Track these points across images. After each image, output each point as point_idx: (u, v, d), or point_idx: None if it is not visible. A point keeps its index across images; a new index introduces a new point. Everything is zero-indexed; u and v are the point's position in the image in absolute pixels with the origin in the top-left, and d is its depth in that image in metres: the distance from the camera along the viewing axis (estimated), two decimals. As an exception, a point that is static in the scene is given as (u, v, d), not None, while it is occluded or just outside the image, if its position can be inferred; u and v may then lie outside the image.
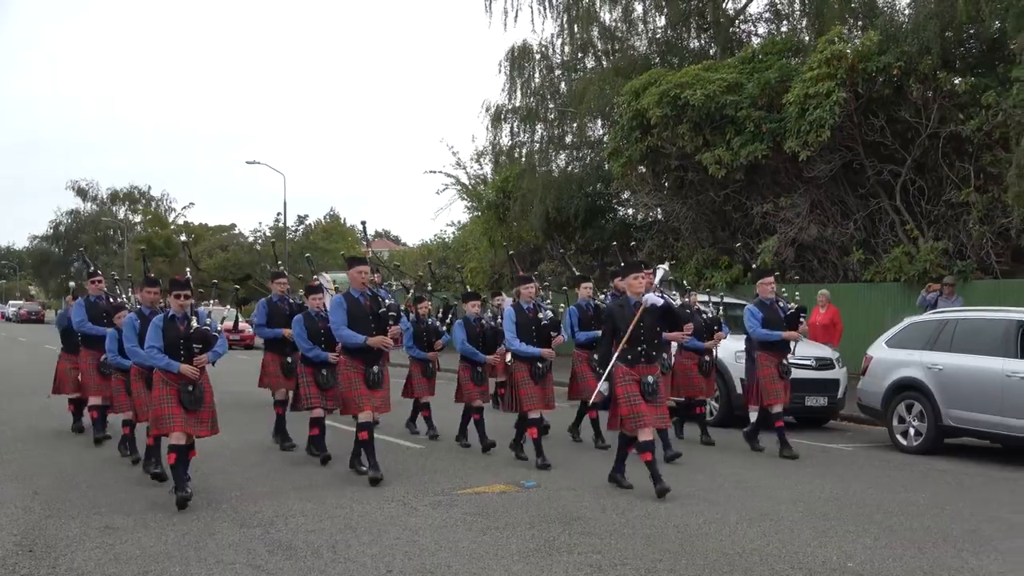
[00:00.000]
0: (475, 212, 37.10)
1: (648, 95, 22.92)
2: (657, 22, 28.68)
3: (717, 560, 6.95)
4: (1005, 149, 18.45)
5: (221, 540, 7.42)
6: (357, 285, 9.84)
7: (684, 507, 8.62)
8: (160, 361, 8.80)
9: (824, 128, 19.58)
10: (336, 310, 9.75)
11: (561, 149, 30.49)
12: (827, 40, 20.34)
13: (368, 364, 9.72)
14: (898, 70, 19.75)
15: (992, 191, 18.99)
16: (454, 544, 7.34)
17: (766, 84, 21.58)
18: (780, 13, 27.40)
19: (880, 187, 21.34)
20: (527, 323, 10.95)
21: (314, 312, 11.31)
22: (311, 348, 11.03)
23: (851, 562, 6.91)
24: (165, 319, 8.96)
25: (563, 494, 9.22)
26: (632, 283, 9.26)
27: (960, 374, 11.47)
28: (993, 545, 7.42)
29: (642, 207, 28.84)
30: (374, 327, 9.68)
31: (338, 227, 69.07)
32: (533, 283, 11.47)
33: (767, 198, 22.73)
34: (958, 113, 19.76)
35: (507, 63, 29.89)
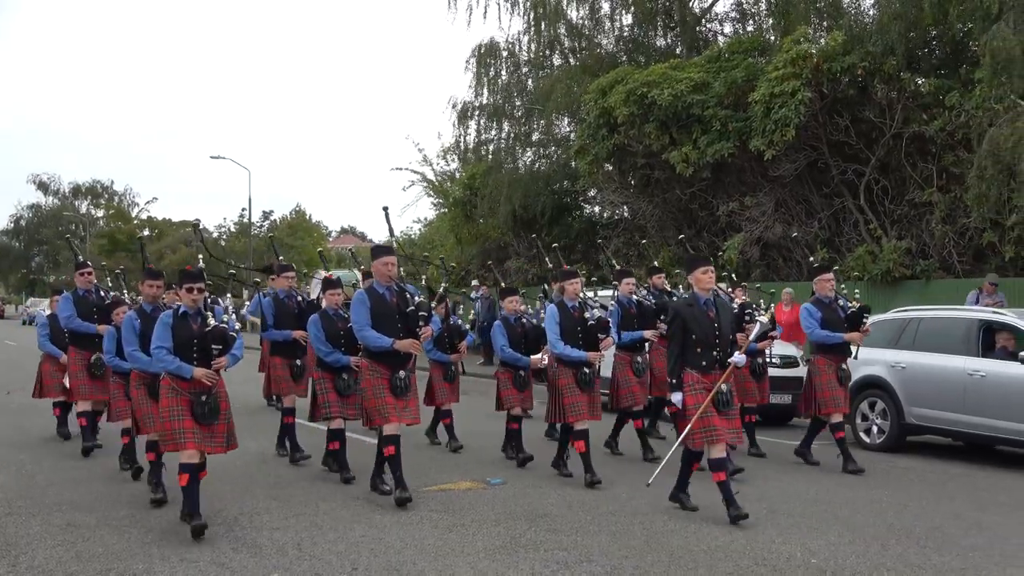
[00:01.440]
0: (442, 209, 37.04)
1: (615, 93, 22.97)
2: (624, 20, 28.75)
3: (682, 557, 6.98)
4: (967, 150, 18.63)
5: (185, 538, 7.36)
6: (383, 279, 8.66)
7: (650, 504, 8.64)
8: (170, 364, 7.62)
9: (789, 127, 19.69)
10: (358, 308, 8.58)
11: (528, 146, 30.49)
12: (792, 40, 20.45)
13: (394, 369, 8.57)
14: (863, 70, 19.90)
15: (954, 191, 19.17)
16: (420, 542, 7.33)
17: (732, 83, 21.67)
18: (746, 13, 27.52)
19: (844, 186, 21.50)
20: (572, 324, 9.75)
21: (331, 311, 9.96)
22: (330, 352, 9.71)
23: (815, 558, 6.95)
24: (175, 316, 7.77)
25: (529, 491, 9.22)
26: (700, 277, 8.25)
27: (923, 372, 11.59)
28: (955, 542, 7.49)
29: (608, 205, 28.90)
30: (401, 327, 8.56)
31: (304, 223, 68.61)
32: (578, 278, 10.09)
33: (733, 197, 22.83)
34: (921, 114, 19.92)
35: (474, 60, 29.85)
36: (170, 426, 7.60)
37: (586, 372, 9.70)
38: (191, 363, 7.65)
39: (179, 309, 7.82)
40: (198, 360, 7.67)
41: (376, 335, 8.47)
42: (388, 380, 8.56)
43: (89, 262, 11.85)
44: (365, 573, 6.52)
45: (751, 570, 6.67)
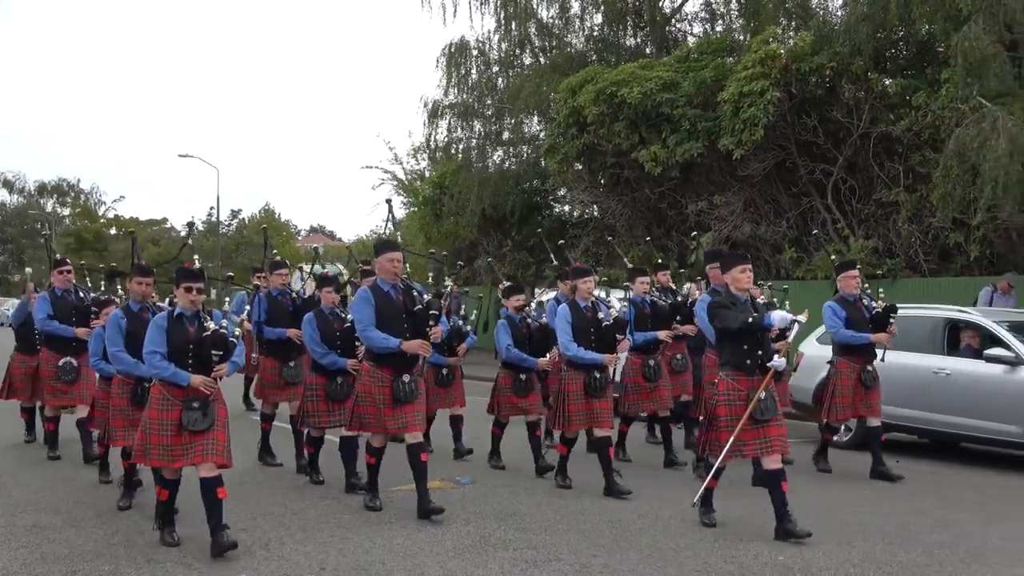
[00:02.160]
0: (411, 208, 37.00)
1: (585, 92, 22.99)
2: (594, 20, 28.78)
3: (651, 555, 7.00)
4: (934, 150, 18.77)
5: (151, 538, 7.30)
6: (388, 276, 8.11)
7: (619, 503, 8.67)
8: (164, 371, 6.96)
9: (758, 127, 19.77)
10: (361, 307, 8.01)
11: (498, 145, 30.49)
12: (761, 40, 20.55)
13: (398, 373, 7.98)
14: (831, 71, 20.00)
15: (920, 191, 19.31)
16: (389, 541, 7.31)
17: (701, 83, 21.74)
18: (715, 13, 27.62)
19: (812, 186, 21.62)
20: (585, 325, 9.12)
21: (328, 309, 9.45)
22: (326, 353, 9.21)
23: (782, 556, 6.99)
24: (170, 318, 7.11)
25: (498, 491, 9.22)
26: (739, 277, 7.72)
27: (889, 370, 11.63)
28: (920, 539, 7.55)
29: (578, 204, 28.96)
30: (408, 328, 8.01)
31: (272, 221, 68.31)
32: (592, 276, 9.49)
33: (702, 196, 22.91)
34: (888, 114, 20.05)
35: (444, 59, 29.78)
36: (156, 439, 6.97)
37: (597, 377, 9.08)
38: (187, 370, 7.00)
39: (174, 311, 7.15)
40: (194, 367, 7.02)
41: (382, 336, 7.88)
42: (390, 386, 7.95)
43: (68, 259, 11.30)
44: (333, 573, 6.49)
45: (719, 568, 6.70)
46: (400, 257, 8.18)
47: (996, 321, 11.27)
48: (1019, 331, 11.19)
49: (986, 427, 10.83)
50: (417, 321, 8.00)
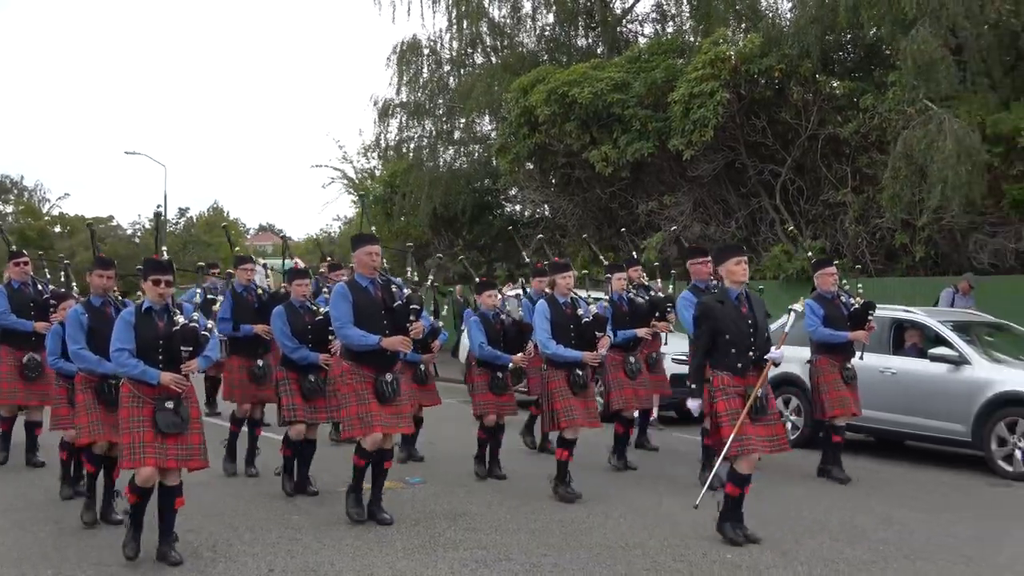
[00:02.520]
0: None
1: (536, 92, 23.02)
2: (545, 20, 28.83)
3: (600, 554, 7.02)
4: (881, 151, 19.01)
5: (96, 541, 7.21)
6: (366, 271, 7.80)
7: (565, 504, 8.67)
8: (133, 369, 6.63)
9: (708, 128, 19.90)
10: (339, 303, 7.68)
11: (449, 145, 30.43)
12: (711, 41, 20.68)
13: (380, 371, 7.68)
14: (779, 72, 20.19)
15: (867, 192, 19.54)
16: (338, 542, 7.27)
17: (652, 83, 21.84)
18: (666, 14, 27.78)
19: (761, 187, 21.81)
20: (564, 321, 8.94)
21: (298, 303, 9.16)
22: (296, 348, 8.90)
23: (730, 554, 7.04)
24: (138, 313, 6.79)
25: (449, 490, 9.19)
26: (733, 269, 7.38)
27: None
28: (866, 535, 7.63)
29: (529, 204, 28.99)
30: (388, 324, 7.70)
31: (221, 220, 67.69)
32: (571, 271, 9.32)
33: (652, 196, 23.03)
34: (836, 115, 20.27)
35: (395, 57, 29.66)
36: (129, 438, 6.59)
37: (579, 374, 8.84)
38: (157, 367, 6.66)
39: (142, 305, 6.82)
40: (164, 363, 6.69)
41: (360, 333, 7.56)
42: (372, 384, 7.64)
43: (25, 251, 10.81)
44: (282, 574, 6.45)
45: (668, 566, 6.73)
46: (379, 250, 7.87)
47: (940, 321, 11.42)
48: (963, 331, 11.36)
49: (931, 425, 10.98)
50: (397, 317, 7.70)
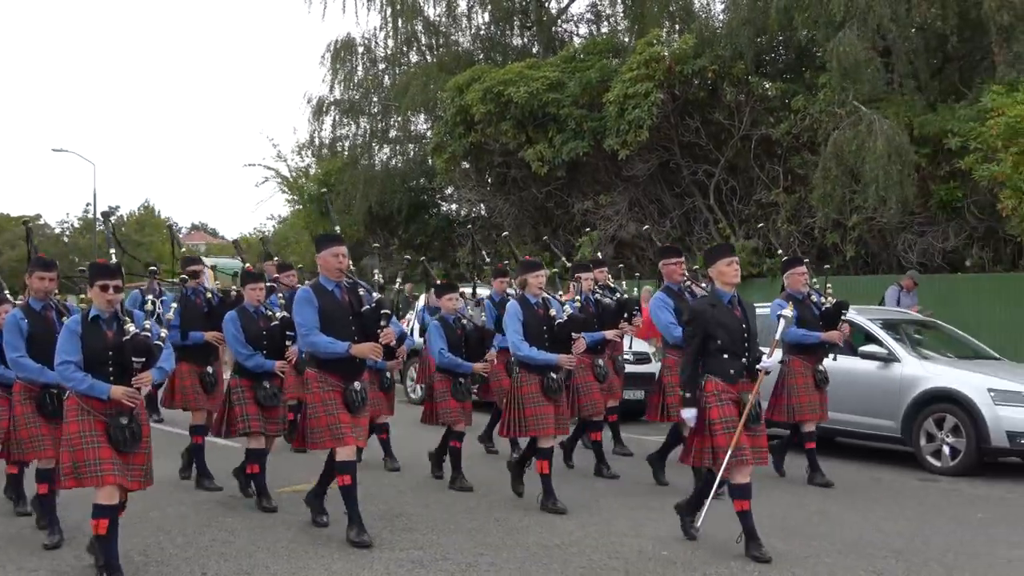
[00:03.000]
0: (296, 206, 36.54)
1: (472, 91, 23.03)
2: (481, 19, 28.91)
3: (537, 552, 7.02)
4: (812, 152, 19.30)
5: (25, 547, 7.06)
6: (332, 273, 7.30)
7: (506, 501, 8.67)
8: (80, 383, 6.11)
9: (642, 128, 20.05)
10: (304, 308, 7.18)
11: (384, 143, 30.32)
12: (646, 42, 20.84)
13: (348, 380, 7.21)
14: (713, 73, 20.42)
15: (799, 192, 19.83)
16: (272, 544, 7.19)
17: (587, 83, 21.97)
18: (601, 14, 28.00)
19: (695, 186, 22.03)
20: (537, 323, 8.43)
21: (252, 307, 8.63)
22: (251, 355, 8.41)
23: (665, 551, 7.07)
24: (84, 321, 6.26)
25: (385, 491, 9.13)
26: (724, 270, 7.02)
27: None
28: (799, 531, 7.71)
29: (465, 203, 29.00)
30: (356, 330, 7.27)
31: (152, 219, 66.75)
32: (543, 270, 8.78)
33: (588, 195, 23.17)
34: (769, 116, 20.56)
35: (329, 55, 29.50)
36: (83, 455, 6.07)
37: (553, 378, 8.35)
38: (107, 380, 6.16)
39: (89, 313, 6.30)
40: (115, 376, 6.18)
41: (328, 340, 7.10)
42: (340, 393, 7.18)
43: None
44: (214, 577, 6.36)
45: (604, 564, 6.75)
46: (345, 252, 7.39)
47: (870, 319, 11.59)
48: (892, 328, 11.55)
49: (861, 422, 11.14)
50: (366, 322, 7.28)
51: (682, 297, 9.38)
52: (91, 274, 6.35)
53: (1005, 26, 16.76)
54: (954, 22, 17.74)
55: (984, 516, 8.50)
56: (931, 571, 6.71)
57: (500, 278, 11.12)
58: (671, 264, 9.63)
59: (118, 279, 6.31)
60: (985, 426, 10.14)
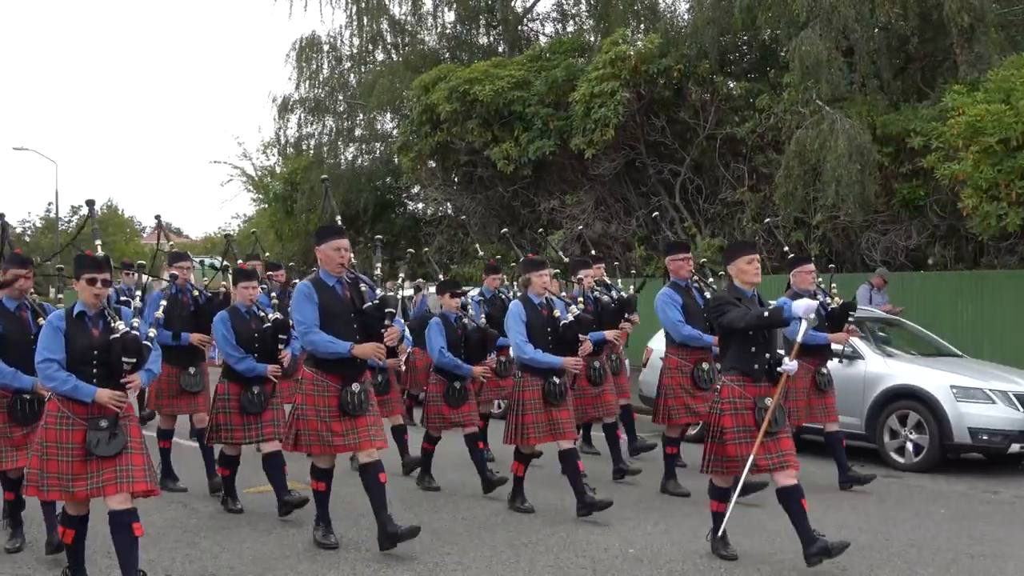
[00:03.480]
0: (262, 204, 36.37)
1: (438, 90, 23.00)
2: (447, 17, 28.84)
3: (504, 552, 7.03)
4: (776, 151, 19.43)
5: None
6: (333, 268, 6.95)
7: (472, 500, 8.67)
8: (62, 384, 5.74)
9: (608, 127, 20.09)
10: (303, 305, 6.83)
11: (350, 142, 30.22)
12: (611, 41, 20.89)
13: (346, 382, 6.88)
14: (678, 73, 20.50)
15: (764, 191, 19.96)
16: (237, 545, 7.15)
17: (553, 82, 22.00)
18: (566, 13, 28.05)
19: (661, 185, 22.12)
20: (540, 324, 8.06)
21: (243, 307, 8.19)
22: (242, 358, 7.97)
23: (632, 548, 7.11)
24: (68, 318, 5.89)
25: (350, 491, 9.06)
26: (745, 268, 6.72)
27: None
28: (762, 527, 7.77)
29: (431, 202, 28.98)
30: (357, 328, 6.94)
31: (116, 218, 66.20)
32: (547, 268, 8.41)
33: (554, 194, 23.21)
34: (733, 116, 20.68)
35: (294, 53, 29.37)
36: (54, 467, 5.76)
37: (556, 383, 8.01)
38: (90, 381, 5.79)
39: (73, 309, 5.93)
40: (99, 378, 5.82)
41: (328, 339, 6.77)
42: (336, 397, 6.86)
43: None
44: (179, 579, 6.32)
45: (571, 562, 6.77)
46: (347, 245, 7.02)
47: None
48: (856, 326, 11.64)
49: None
50: (368, 320, 6.91)
51: (689, 293, 9.04)
52: (77, 267, 5.97)
53: (965, 27, 16.96)
54: (916, 23, 17.94)
55: (946, 512, 8.61)
56: (894, 567, 6.78)
57: (492, 275, 10.77)
58: (679, 259, 9.13)
59: (106, 272, 5.95)
60: (948, 422, 10.27)
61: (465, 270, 23.13)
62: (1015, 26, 18.16)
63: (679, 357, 8.96)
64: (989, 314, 16.09)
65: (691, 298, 8.99)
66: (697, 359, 8.96)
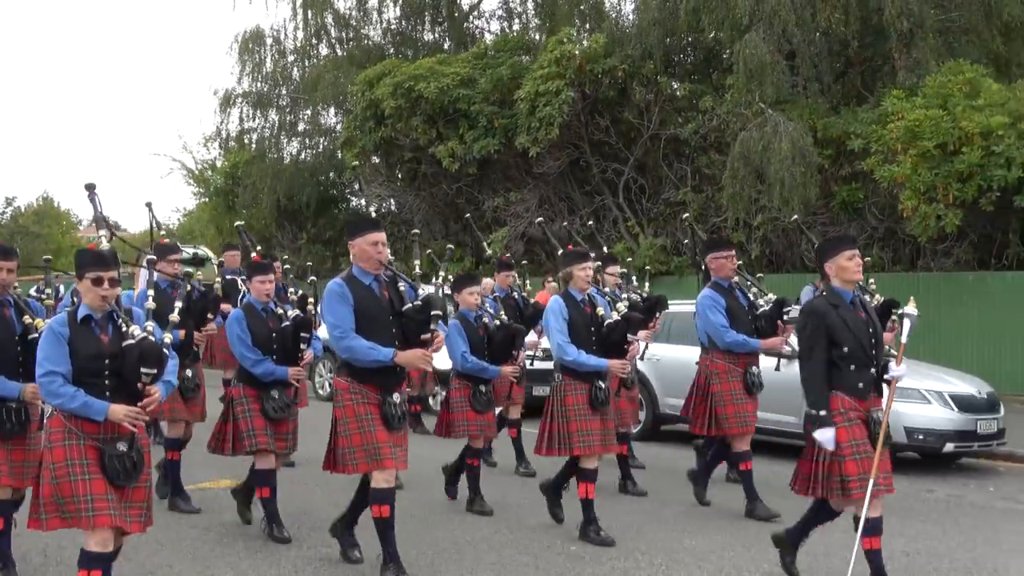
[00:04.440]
0: (202, 198, 36.01)
1: (382, 86, 22.92)
2: (392, 13, 28.77)
3: (447, 548, 7.05)
4: (719, 152, 19.63)
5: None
6: (369, 265, 6.26)
7: (416, 500, 8.64)
8: (70, 401, 4.95)
9: (553, 126, 20.16)
10: (336, 305, 6.11)
11: (293, 136, 30.01)
12: (557, 40, 20.97)
13: (386, 391, 6.16)
14: (623, 73, 20.62)
15: (707, 191, 20.15)
16: (177, 543, 7.08)
17: (498, 80, 22.03)
18: (512, 12, 28.11)
19: (605, 185, 22.24)
20: (584, 322, 7.28)
21: (259, 305, 7.41)
22: (259, 360, 7.21)
23: (573, 546, 7.16)
24: (71, 323, 5.10)
25: (292, 488, 9.01)
26: (845, 265, 6.00)
27: (674, 364, 12.05)
28: (705, 524, 7.84)
29: (375, 198, 28.86)
30: (396, 333, 6.24)
31: (52, 210, 65.11)
32: (590, 261, 7.56)
33: (498, 192, 23.25)
34: (677, 116, 20.86)
35: (237, 46, 29.12)
36: (70, 489, 4.91)
37: (601, 387, 7.26)
38: (103, 395, 5.01)
39: (76, 312, 5.15)
40: (111, 391, 5.03)
41: (368, 345, 6.04)
42: (378, 407, 6.13)
43: None
44: (117, 577, 6.22)
45: (514, 559, 6.79)
46: (384, 239, 6.32)
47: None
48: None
49: (765, 418, 11.28)
50: (409, 324, 6.21)
51: (733, 295, 8.37)
52: (80, 264, 5.19)
53: (905, 32, 17.28)
54: (856, 27, 18.22)
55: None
56: (831, 564, 6.86)
57: (505, 271, 10.22)
58: (721, 257, 8.41)
59: (114, 270, 5.15)
60: (884, 422, 10.39)
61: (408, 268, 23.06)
62: (952, 33, 18.50)
63: (727, 362, 8.28)
64: (925, 315, 16.14)
65: (735, 300, 8.36)
66: (747, 363, 8.34)
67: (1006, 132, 14.71)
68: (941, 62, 16.91)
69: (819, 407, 5.84)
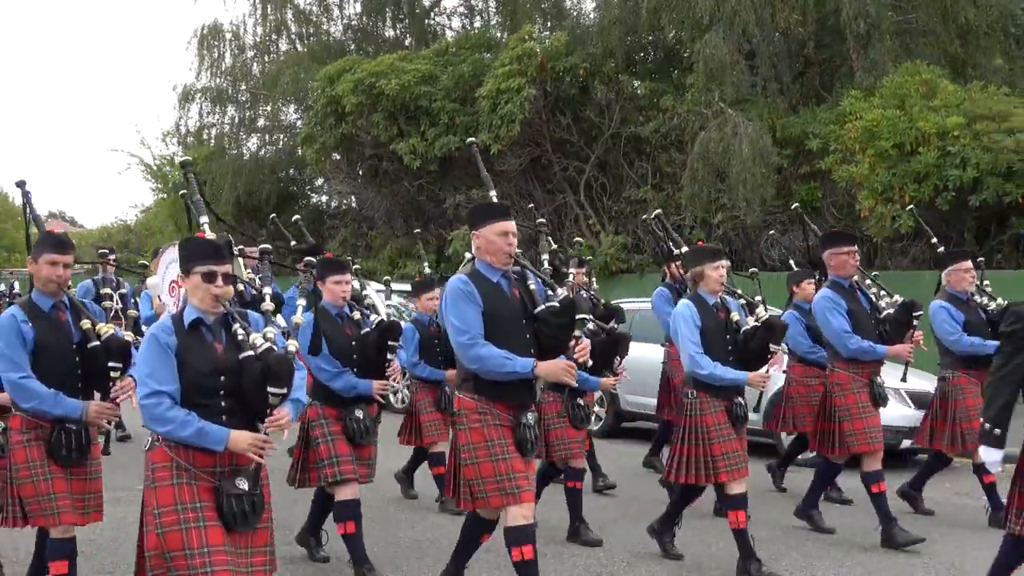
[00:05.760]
0: (160, 194, 35.71)
1: (343, 82, 22.84)
2: (353, 9, 28.72)
3: (408, 547, 7.09)
4: (679, 151, 19.75)
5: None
6: (498, 259, 5.31)
7: (378, 497, 8.64)
8: (182, 428, 4.21)
9: (514, 123, 20.21)
10: (462, 305, 5.17)
11: (253, 132, 29.86)
12: (518, 38, 21.02)
13: (521, 409, 5.21)
14: (584, 71, 20.71)
15: (667, 190, 20.27)
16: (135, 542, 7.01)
17: (460, 77, 22.03)
18: (474, 9, 28.13)
19: (566, 183, 22.31)
20: (718, 329, 6.55)
21: (335, 309, 6.60)
22: (338, 372, 6.40)
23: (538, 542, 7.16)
24: (179, 330, 4.36)
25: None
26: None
27: (636, 363, 12.04)
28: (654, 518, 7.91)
29: (336, 195, 28.80)
30: (531, 340, 5.24)
31: (5, 205, 64.33)
32: (724, 259, 6.76)
33: (460, 189, 23.24)
34: (638, 115, 20.96)
35: (196, 41, 28.89)
36: (181, 540, 4.15)
37: (741, 403, 6.56)
38: (219, 421, 4.28)
39: (183, 316, 4.41)
40: (229, 413, 4.32)
41: (502, 354, 5.06)
42: (511, 428, 5.17)
43: None
44: (78, 577, 6.17)
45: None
46: (515, 229, 5.40)
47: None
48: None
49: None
50: (545, 329, 5.20)
51: (854, 296, 7.51)
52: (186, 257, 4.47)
53: (862, 34, 17.50)
54: (814, 28, 18.45)
55: (840, 505, 8.84)
56: (792, 560, 6.95)
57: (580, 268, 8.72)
58: (842, 253, 7.47)
59: (227, 263, 4.49)
60: (843, 419, 10.45)
61: (368, 264, 22.99)
62: (909, 34, 18.73)
63: (850, 371, 7.43)
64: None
65: (856, 301, 7.49)
66: (871, 372, 7.49)
67: (962, 133, 14.91)
68: (898, 63, 17.12)
69: (996, 425, 5.00)
